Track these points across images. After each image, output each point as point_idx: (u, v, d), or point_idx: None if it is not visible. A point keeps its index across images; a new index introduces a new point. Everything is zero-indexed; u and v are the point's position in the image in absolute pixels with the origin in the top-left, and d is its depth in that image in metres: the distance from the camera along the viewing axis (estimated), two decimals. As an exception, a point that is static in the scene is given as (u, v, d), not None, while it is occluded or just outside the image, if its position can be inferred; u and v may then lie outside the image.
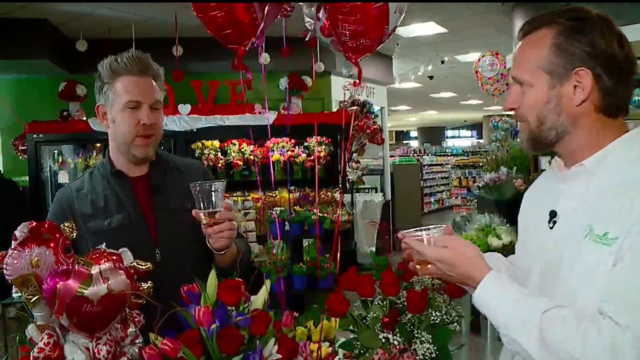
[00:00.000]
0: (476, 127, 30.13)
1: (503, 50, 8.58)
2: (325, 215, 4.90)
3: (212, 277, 1.46)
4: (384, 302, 1.53)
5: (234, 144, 7.53)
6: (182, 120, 6.99)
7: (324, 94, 8.90)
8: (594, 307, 1.19)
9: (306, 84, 8.17)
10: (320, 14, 1.61)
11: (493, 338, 4.91)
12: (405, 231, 1.43)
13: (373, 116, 8.84)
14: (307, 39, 1.91)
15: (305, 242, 4.78)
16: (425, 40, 9.35)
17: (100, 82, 1.88)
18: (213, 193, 1.70)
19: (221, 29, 1.55)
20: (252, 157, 7.48)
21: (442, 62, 10.90)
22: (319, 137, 7.81)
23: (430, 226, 1.42)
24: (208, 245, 1.78)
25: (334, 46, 1.66)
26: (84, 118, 6.78)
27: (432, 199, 18.94)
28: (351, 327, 1.59)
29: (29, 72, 8.08)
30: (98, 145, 6.72)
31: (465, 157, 19.03)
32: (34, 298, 1.35)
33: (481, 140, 26.91)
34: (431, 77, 12.16)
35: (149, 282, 1.44)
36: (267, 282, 1.49)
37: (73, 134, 6.66)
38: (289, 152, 7.79)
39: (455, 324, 1.48)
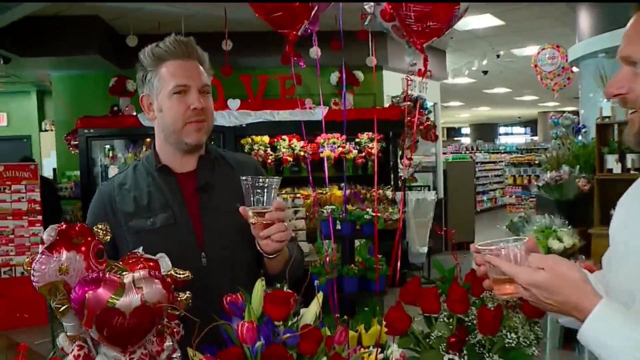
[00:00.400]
0: (530, 123, 29.34)
1: (564, 42, 8.18)
2: (378, 214, 4.72)
3: (259, 287, 1.31)
4: (451, 320, 1.35)
5: (284, 140, 7.43)
6: (232, 115, 6.91)
7: (375, 89, 8.70)
8: None
9: (358, 78, 8.00)
10: (383, -5, 1.43)
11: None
12: (480, 244, 1.23)
13: (426, 112, 8.58)
14: (366, 23, 1.73)
15: (357, 243, 4.61)
16: (480, 33, 9.04)
17: (143, 72, 1.75)
18: (265, 190, 1.53)
19: (271, 12, 1.39)
20: (302, 153, 7.36)
21: (498, 56, 10.54)
22: (370, 133, 7.65)
23: (509, 238, 1.22)
24: (258, 247, 1.62)
25: (395, 32, 1.48)
26: (134, 113, 6.79)
27: (484, 197, 18.50)
28: (412, 346, 1.41)
29: (81, 68, 8.17)
30: (148, 140, 6.71)
31: (520, 155, 18.48)
32: (62, 307, 1.23)
33: (535, 138, 26.22)
34: (485, 72, 11.80)
35: (187, 292, 1.29)
36: (320, 295, 1.33)
37: (123, 128, 6.69)
38: (340, 149, 7.65)
39: (534, 347, 1.29)
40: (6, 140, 11.29)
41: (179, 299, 1.28)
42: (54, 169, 8.65)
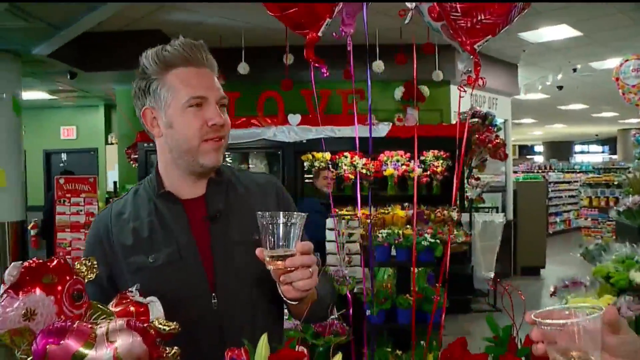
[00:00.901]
0: (609, 141, 28.06)
1: (648, 53, 7.62)
2: (441, 235, 4.39)
3: (263, 344, 1.07)
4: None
5: (346, 157, 7.21)
6: (292, 130, 6.76)
7: (442, 104, 8.37)
8: None
9: (423, 94, 7.72)
10: (428, -9, 1.15)
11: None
12: (538, 312, 0.93)
13: (495, 129, 8.19)
14: (406, 21, 1.47)
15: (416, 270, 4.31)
16: (556, 45, 8.54)
17: (145, 81, 1.48)
18: (286, 228, 1.26)
19: (285, 8, 1.15)
20: (364, 171, 7.12)
21: (574, 70, 9.98)
22: (436, 151, 7.36)
23: (580, 305, 0.91)
24: (279, 291, 1.35)
25: (445, 32, 1.21)
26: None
27: (557, 219, 17.71)
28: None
29: (143, 83, 8.28)
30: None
31: (597, 175, 17.53)
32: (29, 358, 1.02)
33: (614, 157, 25.02)
34: (560, 87, 11.22)
35: (175, 347, 1.05)
36: (338, 356, 1.07)
37: (182, 143, 6.67)
38: (404, 167, 7.36)
39: None
40: (75, 153, 11.64)
41: (165, 354, 1.05)
42: (115, 182, 8.75)
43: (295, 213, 1.26)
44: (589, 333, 0.87)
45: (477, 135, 7.95)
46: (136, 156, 6.84)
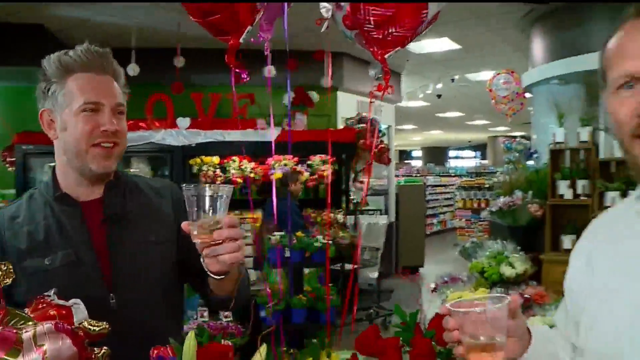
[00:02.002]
0: (480, 147, 29.90)
1: (519, 68, 8.28)
2: (330, 240, 4.54)
3: (191, 341, 1.11)
4: (414, 376, 1.17)
5: (234, 161, 7.22)
6: (181, 134, 6.67)
7: (330, 110, 8.59)
8: None
9: (312, 99, 7.89)
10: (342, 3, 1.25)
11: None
12: (452, 304, 1.06)
13: (381, 135, 8.52)
14: (322, 29, 1.56)
15: (307, 271, 4.42)
16: (436, 57, 9.06)
17: (46, 83, 1.51)
18: (213, 200, 1.26)
19: (209, 14, 1.19)
20: (252, 175, 7.16)
21: (453, 80, 10.62)
22: (323, 155, 7.54)
23: (487, 296, 1.04)
24: (203, 265, 1.35)
25: (358, 41, 1.31)
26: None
27: (434, 220, 18.62)
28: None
29: (23, 81, 7.78)
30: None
31: (470, 178, 18.68)
32: None
33: (485, 161, 26.69)
34: (439, 96, 11.87)
35: (104, 348, 1.08)
36: (263, 348, 1.14)
37: (65, 145, 6.37)
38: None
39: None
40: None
41: (94, 355, 1.07)
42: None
43: (221, 185, 1.28)
44: (496, 319, 1.00)
45: (363, 141, 8.23)
46: (13, 159, 6.45)
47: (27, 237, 1.47)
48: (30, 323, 1.07)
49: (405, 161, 31.07)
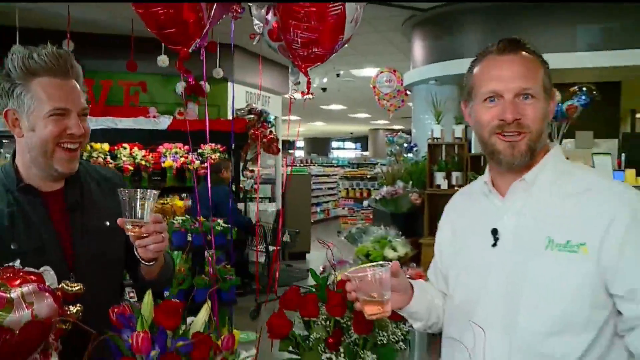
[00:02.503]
0: (361, 139, 30.92)
1: (401, 68, 8.84)
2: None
3: (148, 298, 1.34)
4: (328, 323, 1.48)
5: (125, 148, 7.20)
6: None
7: (220, 100, 8.74)
8: (584, 301, 1.31)
9: (204, 89, 8.01)
10: (269, 17, 1.51)
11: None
12: (350, 271, 1.38)
13: (269, 125, 8.78)
14: (254, 42, 1.80)
15: (206, 253, 4.63)
16: (322, 52, 9.46)
17: (9, 84, 1.56)
18: (142, 202, 1.51)
19: (163, 27, 1.40)
20: (143, 162, 7.19)
21: (338, 75, 11.05)
22: (213, 144, 7.68)
23: (375, 264, 1.37)
24: (135, 254, 1.58)
25: (282, 52, 1.57)
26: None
27: (318, 209, 19.08)
28: (290, 348, 1.52)
29: None
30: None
31: (353, 169, 19.37)
32: None
33: (366, 153, 27.64)
34: (324, 89, 12.30)
35: (78, 305, 1.29)
36: (209, 302, 1.39)
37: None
38: (183, 159, 7.58)
39: (401, 342, 1.46)
40: None
41: (69, 312, 1.27)
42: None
43: (149, 190, 1.51)
44: (383, 280, 1.33)
45: (252, 131, 8.45)
46: None
47: None
48: (3, 287, 1.25)
49: (290, 151, 31.45)
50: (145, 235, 1.53)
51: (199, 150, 7.64)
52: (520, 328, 1.36)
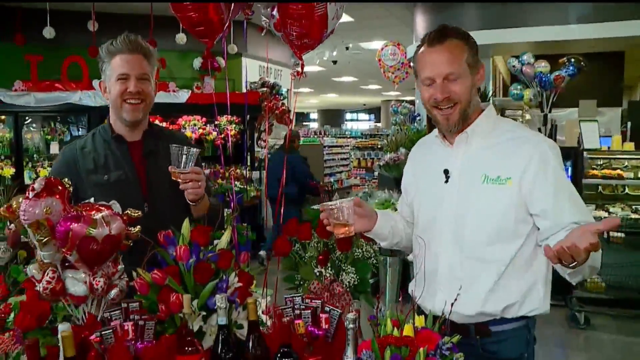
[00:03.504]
0: (374, 111, 31.17)
1: (404, 41, 9.20)
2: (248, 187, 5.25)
3: (186, 224, 1.85)
4: (319, 245, 1.99)
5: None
6: (98, 95, 7.08)
7: (235, 74, 9.20)
8: (509, 221, 1.82)
9: (219, 64, 8.45)
10: (275, 12, 2.01)
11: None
12: (323, 204, 1.89)
13: (282, 98, 9.22)
14: (263, 34, 2.30)
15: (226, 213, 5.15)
16: (332, 27, 9.84)
17: (101, 62, 2.23)
18: (185, 156, 2.09)
19: (195, 26, 1.89)
20: (164, 133, 7.67)
21: (347, 48, 11.44)
22: (229, 116, 8.15)
23: (343, 200, 1.87)
24: (186, 197, 2.17)
25: (284, 39, 2.07)
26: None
27: (332, 179, 19.49)
28: (291, 266, 2.04)
29: None
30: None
31: (364, 140, 19.73)
32: (45, 239, 1.68)
33: (379, 124, 27.90)
34: (335, 62, 12.69)
35: (138, 226, 1.81)
36: (229, 228, 1.90)
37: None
38: (201, 130, 8.07)
39: (373, 258, 1.97)
40: None
41: (132, 231, 1.79)
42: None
43: (192, 149, 2.11)
44: (345, 209, 1.84)
45: (265, 103, 8.90)
46: None
47: (93, 161, 2.24)
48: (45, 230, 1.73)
49: (304, 123, 31.82)
50: (186, 181, 2.11)
51: (216, 122, 8.13)
52: (467, 240, 1.87)
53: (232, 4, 1.88)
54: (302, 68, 2.13)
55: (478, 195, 1.86)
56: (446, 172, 1.94)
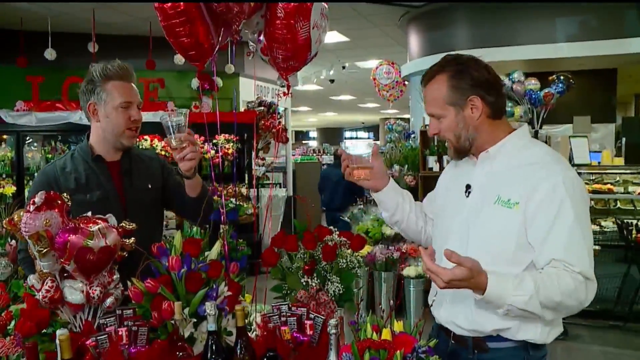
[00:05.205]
0: (373, 129, 31.31)
1: (398, 59, 9.35)
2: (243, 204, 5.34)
3: (179, 235, 1.95)
4: (305, 255, 2.09)
5: (146, 140, 7.81)
6: (96, 115, 7.15)
7: (232, 94, 9.33)
8: (512, 245, 1.81)
9: (215, 84, 8.57)
10: (261, 38, 2.14)
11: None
12: (347, 154, 2.06)
13: (278, 116, 9.33)
14: (250, 57, 2.43)
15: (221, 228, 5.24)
16: (328, 47, 10.00)
17: (92, 85, 2.29)
18: (177, 124, 2.11)
19: (187, 50, 2.01)
20: (162, 153, 7.78)
21: (344, 67, 11.59)
22: (227, 135, 8.24)
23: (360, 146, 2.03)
24: (180, 172, 2.27)
25: (270, 63, 2.19)
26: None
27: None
28: (279, 276, 2.13)
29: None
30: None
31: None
32: (44, 250, 1.77)
33: (378, 142, 28.03)
34: (332, 81, 12.85)
35: (132, 238, 1.91)
36: (220, 240, 2.00)
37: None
38: (199, 149, 8.14)
39: (357, 268, 2.06)
40: None
41: (126, 242, 1.89)
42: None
43: (177, 110, 2.21)
44: (368, 156, 1.99)
45: (262, 122, 9.01)
46: None
47: (74, 181, 2.32)
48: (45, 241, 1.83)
49: (303, 141, 31.97)
50: (184, 145, 2.14)
51: (214, 141, 8.22)
52: (470, 257, 1.83)
53: (222, 31, 2.00)
54: (288, 89, 2.25)
55: (487, 215, 1.88)
56: (468, 187, 1.99)
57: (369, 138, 32.72)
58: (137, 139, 2.44)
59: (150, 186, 2.43)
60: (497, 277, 1.70)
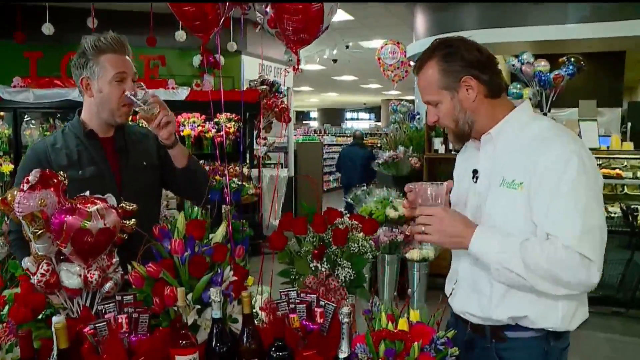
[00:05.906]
0: (374, 110, 31.19)
1: (404, 39, 9.21)
2: (245, 184, 5.26)
3: (181, 217, 1.85)
4: (314, 239, 1.99)
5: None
6: (96, 92, 7.03)
7: (234, 72, 9.20)
8: (524, 229, 1.75)
9: (219, 62, 8.44)
10: (268, 9, 2.01)
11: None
12: (410, 185, 1.89)
13: (281, 96, 9.22)
14: (257, 30, 2.30)
15: (224, 209, 5.15)
16: (332, 25, 9.79)
17: (84, 59, 2.16)
18: (145, 98, 2.10)
19: (191, 20, 1.89)
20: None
21: (347, 46, 11.44)
22: (228, 114, 8.14)
23: (430, 182, 1.85)
24: (161, 142, 2.19)
25: (277, 36, 2.05)
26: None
27: (331, 178, 19.58)
28: (287, 260, 2.03)
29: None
30: None
31: (364, 139, 19.75)
32: (39, 232, 1.67)
33: (379, 123, 27.94)
34: (335, 61, 12.70)
35: (133, 219, 1.80)
36: (225, 221, 1.90)
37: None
38: (200, 127, 8.06)
39: (369, 253, 1.96)
40: None
41: (126, 224, 1.79)
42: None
43: (139, 89, 2.12)
44: (437, 194, 1.82)
45: (265, 101, 8.89)
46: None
47: (66, 157, 2.19)
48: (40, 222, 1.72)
49: (304, 122, 31.85)
50: (155, 112, 2.09)
51: (215, 120, 8.12)
52: None
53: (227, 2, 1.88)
54: (298, 63, 2.13)
55: (494, 199, 1.83)
56: (475, 172, 1.93)
57: (370, 119, 32.61)
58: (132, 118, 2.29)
59: (145, 164, 2.31)
60: (484, 232, 1.74)
